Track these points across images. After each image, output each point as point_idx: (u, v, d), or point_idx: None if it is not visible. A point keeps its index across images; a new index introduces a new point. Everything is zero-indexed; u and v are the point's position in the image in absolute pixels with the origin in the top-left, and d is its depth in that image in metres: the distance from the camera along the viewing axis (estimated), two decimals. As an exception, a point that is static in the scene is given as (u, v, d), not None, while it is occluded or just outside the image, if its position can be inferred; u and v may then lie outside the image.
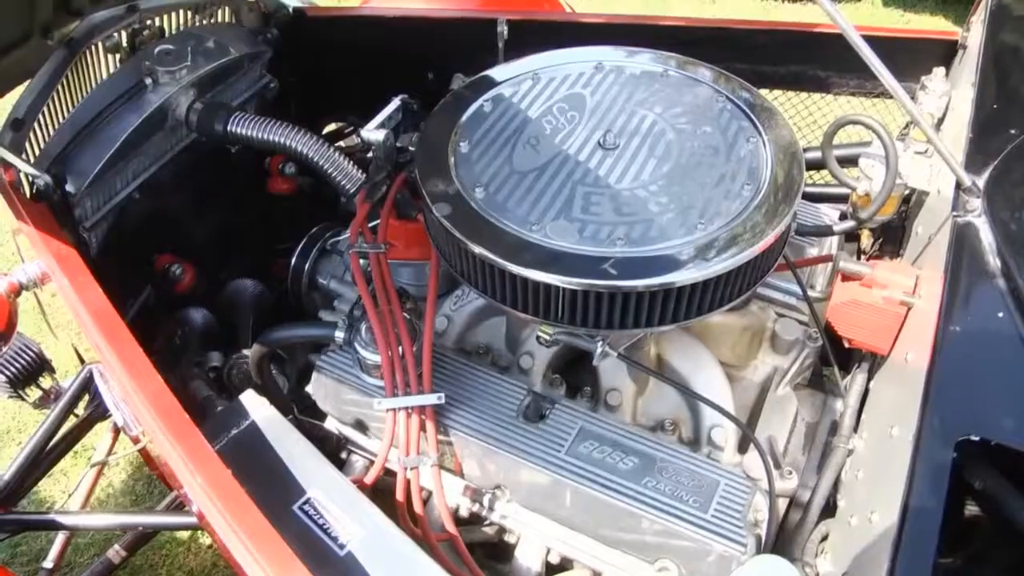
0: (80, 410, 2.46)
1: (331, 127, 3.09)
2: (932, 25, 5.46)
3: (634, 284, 1.52)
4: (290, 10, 2.65)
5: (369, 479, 1.78)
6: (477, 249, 1.57)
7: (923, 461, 1.29)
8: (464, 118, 1.84)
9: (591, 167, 1.72)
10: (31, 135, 2.16)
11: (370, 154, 2.70)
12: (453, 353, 1.95)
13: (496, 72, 1.99)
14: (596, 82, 1.94)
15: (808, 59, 2.54)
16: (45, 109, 2.19)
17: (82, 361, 2.52)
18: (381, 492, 1.85)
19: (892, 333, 1.80)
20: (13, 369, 2.35)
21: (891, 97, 2.53)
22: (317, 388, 1.97)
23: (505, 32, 2.35)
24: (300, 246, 2.39)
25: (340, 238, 2.30)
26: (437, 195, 1.66)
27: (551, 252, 1.55)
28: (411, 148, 2.24)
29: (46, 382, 2.44)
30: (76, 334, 3.24)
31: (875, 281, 1.80)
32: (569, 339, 1.78)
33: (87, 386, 2.40)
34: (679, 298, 1.57)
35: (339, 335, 1.86)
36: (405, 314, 1.81)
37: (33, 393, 2.44)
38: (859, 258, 2.37)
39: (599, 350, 1.72)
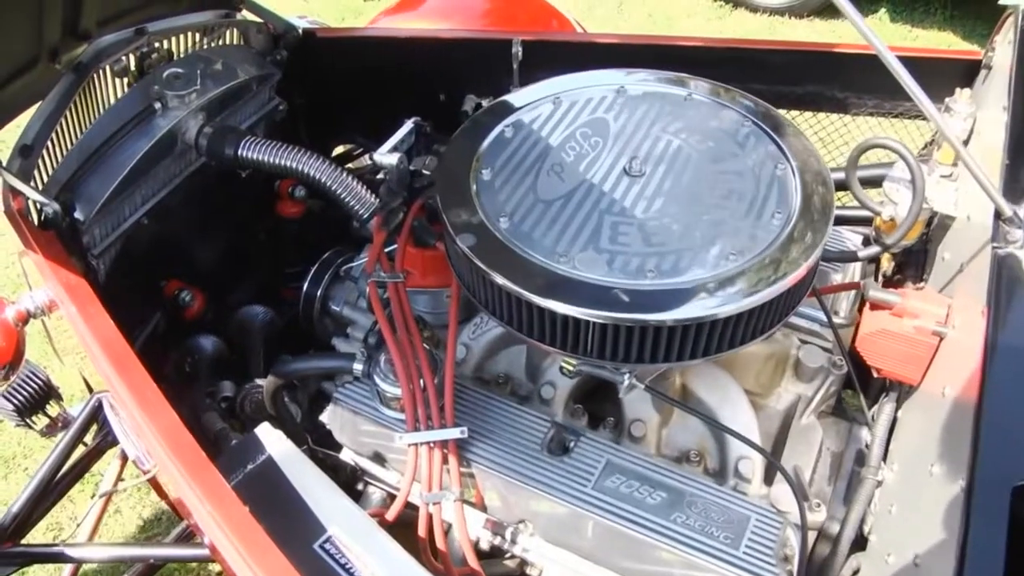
0: (87, 438, 2.41)
1: (339, 149, 3.04)
2: (940, 40, 5.46)
3: (666, 318, 1.48)
4: (300, 31, 2.61)
5: (391, 515, 1.74)
6: (503, 282, 1.53)
7: (979, 510, 1.24)
8: (485, 144, 1.80)
9: (617, 195, 1.68)
10: (39, 161, 2.12)
11: (380, 175, 2.68)
12: (473, 383, 1.91)
13: (515, 96, 1.95)
14: (619, 106, 1.90)
15: (827, 79, 2.51)
16: (53, 135, 2.15)
17: (90, 389, 2.47)
18: (399, 523, 1.80)
19: (924, 363, 1.76)
20: (20, 397, 2.31)
21: (911, 118, 2.54)
22: (333, 420, 1.93)
23: (520, 53, 2.32)
24: (312, 272, 2.35)
25: (354, 264, 2.26)
26: (460, 225, 1.62)
27: (580, 285, 1.51)
28: (425, 172, 2.21)
29: (53, 410, 2.39)
30: (82, 358, 3.19)
31: (906, 310, 1.76)
32: (594, 370, 1.74)
33: (95, 415, 2.35)
34: (711, 332, 1.53)
35: (357, 367, 1.82)
36: (425, 344, 1.77)
37: (40, 421, 2.39)
38: (878, 281, 2.34)
39: (626, 382, 1.68)
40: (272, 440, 1.80)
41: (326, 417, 2.03)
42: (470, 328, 2.04)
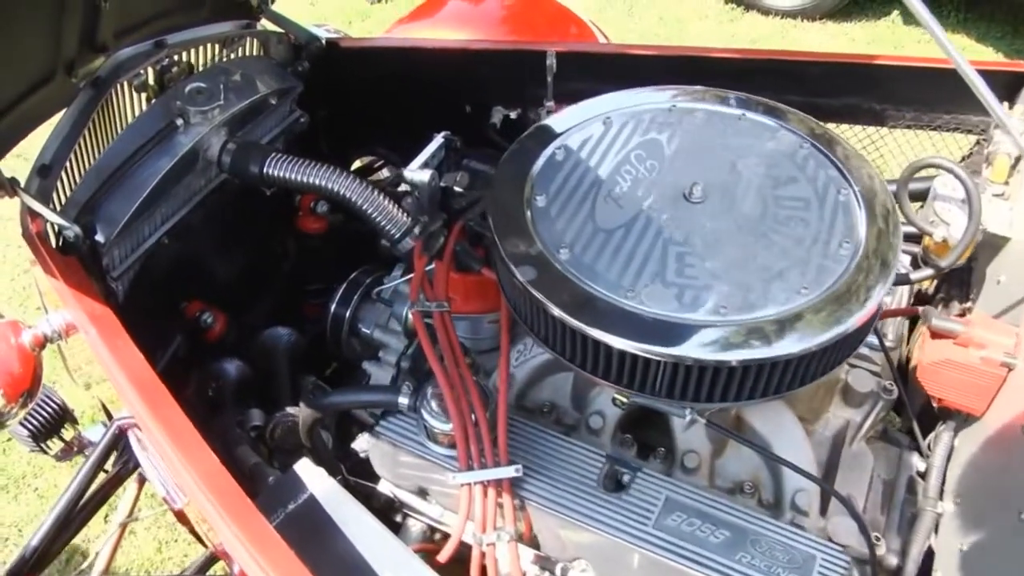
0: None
1: (359, 162, 2.97)
2: (954, 43, 5.37)
3: (740, 359, 1.42)
4: (323, 42, 2.53)
5: (444, 557, 1.67)
6: (568, 319, 1.46)
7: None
8: (536, 168, 1.73)
9: (679, 223, 1.61)
10: (58, 181, 2.04)
11: (401, 187, 2.61)
12: (517, 413, 1.84)
13: (562, 116, 1.88)
14: (671, 127, 1.83)
15: (864, 91, 2.44)
16: (72, 153, 2.06)
17: (109, 416, 2.40)
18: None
19: (990, 394, 1.71)
20: (36, 422, 2.24)
21: (949, 130, 2.49)
22: (374, 453, 1.86)
23: (554, 65, 2.25)
24: (340, 292, 2.27)
25: (385, 286, 2.18)
26: (518, 256, 1.55)
27: (651, 323, 1.45)
28: (457, 188, 2.14)
29: (68, 433, 2.33)
30: (97, 383, 3.10)
31: (971, 340, 1.71)
32: (650, 403, 1.68)
33: (116, 443, 2.27)
34: (784, 371, 1.47)
35: (403, 401, 1.75)
36: (475, 377, 1.70)
37: (55, 445, 2.32)
38: (911, 299, 2.29)
39: (688, 418, 1.62)
40: (313, 478, 1.74)
41: (361, 446, 1.97)
42: (512, 355, 1.97)
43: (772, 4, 5.96)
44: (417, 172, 2.09)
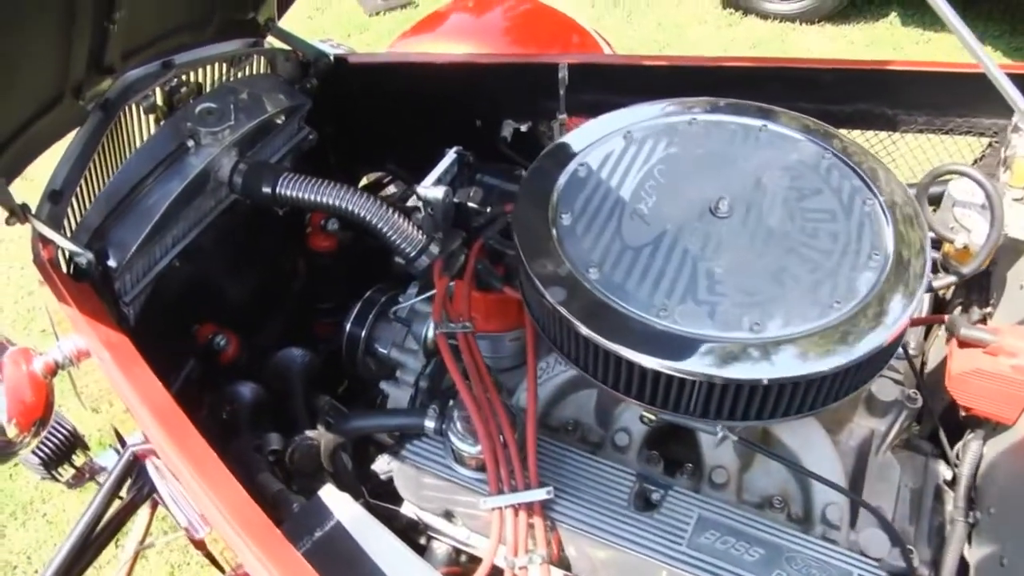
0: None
1: (365, 179, 2.94)
2: (953, 43, 5.37)
3: (779, 376, 1.40)
4: (331, 58, 2.51)
5: (478, 583, 1.65)
6: (601, 340, 1.44)
7: None
8: (559, 185, 1.71)
9: (707, 239, 1.59)
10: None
11: (410, 202, 2.58)
12: (544, 433, 1.82)
13: (582, 132, 1.86)
14: (692, 140, 1.82)
15: (876, 97, 2.43)
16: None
17: (122, 442, 2.36)
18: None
19: (1022, 403, 1.69)
20: (47, 450, 2.21)
21: (961, 134, 2.47)
22: (399, 476, 1.84)
23: (567, 78, 2.23)
24: (355, 311, 2.25)
25: (401, 305, 2.15)
26: (547, 277, 1.52)
27: (685, 342, 1.43)
28: (471, 205, 2.12)
29: (79, 459, 2.30)
30: (108, 406, 3.07)
31: (1002, 349, 1.69)
32: (680, 421, 1.66)
33: (130, 469, 2.24)
34: (819, 387, 1.45)
35: (429, 424, 1.73)
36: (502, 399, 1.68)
37: (66, 472, 2.29)
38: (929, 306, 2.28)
39: (719, 435, 1.60)
40: (338, 504, 1.72)
41: (381, 467, 1.95)
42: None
43: (770, 8, 5.97)
44: (431, 188, 2.08)
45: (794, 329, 1.45)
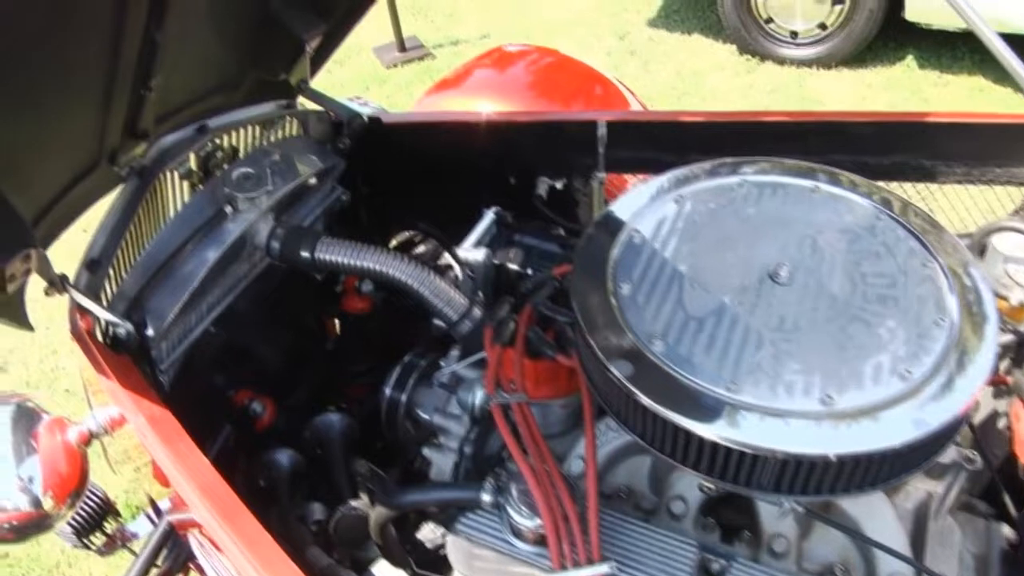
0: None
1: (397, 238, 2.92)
2: (971, 85, 5.43)
3: (851, 452, 1.36)
4: (365, 118, 2.49)
5: (540, 662, 1.60)
6: (672, 416, 1.40)
7: None
8: (615, 254, 1.68)
9: (770, 308, 1.56)
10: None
11: (447, 258, 2.55)
12: (599, 502, 1.78)
13: (632, 198, 1.83)
14: (745, 202, 1.79)
15: (914, 148, 2.42)
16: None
17: (157, 512, 2.32)
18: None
19: (1094, 466, 1.66)
20: (79, 518, 2.18)
21: (1001, 184, 2.46)
22: (452, 549, 1.79)
23: (605, 136, 2.22)
24: (395, 375, 2.21)
25: (445, 370, 2.11)
26: (611, 350, 1.49)
27: (757, 418, 1.39)
28: (511, 266, 2.10)
29: (111, 526, 2.26)
30: (136, 469, 3.03)
31: (1070, 410, 1.66)
32: (744, 492, 1.62)
33: (167, 539, 2.20)
34: (893, 461, 1.42)
35: (486, 498, 1.68)
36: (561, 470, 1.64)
37: (98, 540, 2.25)
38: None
39: (785, 506, 1.56)
40: (392, 581, 1.67)
41: (427, 536, 1.91)
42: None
43: (787, 54, 6.00)
44: (471, 251, 2.06)
45: (866, 401, 1.41)
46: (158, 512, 2.26)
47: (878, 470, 1.42)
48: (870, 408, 1.40)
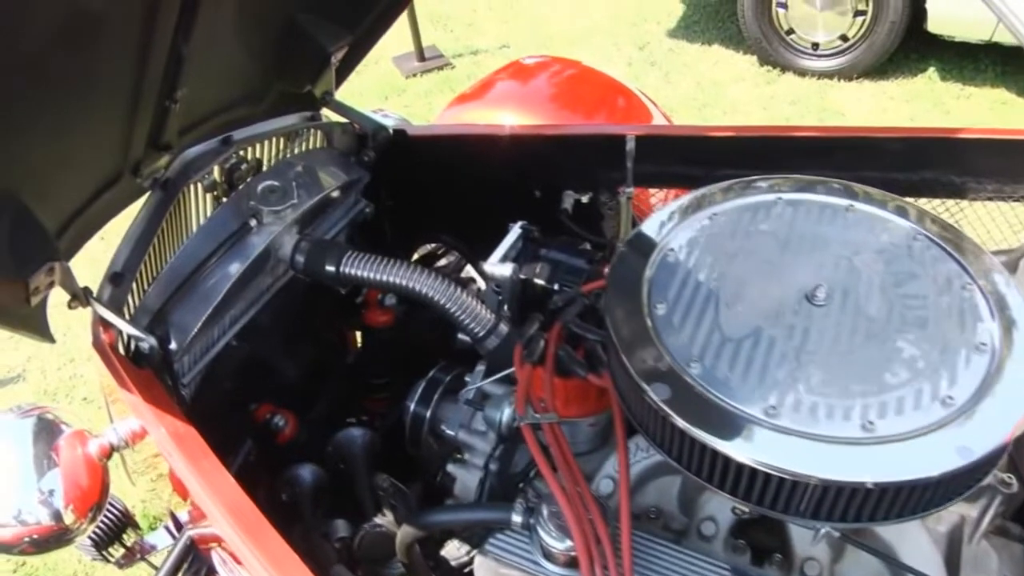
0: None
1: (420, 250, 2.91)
2: (994, 98, 5.38)
3: (894, 480, 1.33)
4: (390, 131, 2.47)
5: None
6: (712, 442, 1.37)
7: None
8: (650, 273, 1.65)
9: (808, 330, 1.53)
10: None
11: (469, 270, 2.51)
12: (635, 527, 1.75)
13: (664, 215, 1.81)
14: (779, 221, 1.76)
15: (944, 165, 2.38)
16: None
17: (178, 526, 2.30)
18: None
19: None
20: (99, 530, 2.15)
21: (1032, 200, 2.42)
22: (480, 569, 1.76)
23: (634, 150, 2.19)
24: (419, 391, 2.19)
25: (471, 387, 2.09)
26: (648, 373, 1.46)
27: (798, 443, 1.36)
28: (537, 281, 2.07)
29: (130, 538, 2.24)
30: (154, 480, 3.01)
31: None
32: (780, 517, 1.59)
33: (187, 554, 2.18)
34: (935, 489, 1.38)
35: (516, 519, 1.66)
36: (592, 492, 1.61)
37: (116, 552, 2.23)
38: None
39: (822, 532, 1.52)
40: (419, 602, 1.65)
41: (451, 554, 1.89)
42: (615, 460, 1.88)
43: (808, 65, 5.97)
44: (498, 266, 2.04)
45: (909, 427, 1.38)
46: (178, 525, 2.24)
47: (920, 498, 1.39)
48: (914, 435, 1.37)
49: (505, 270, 2.04)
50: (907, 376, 1.46)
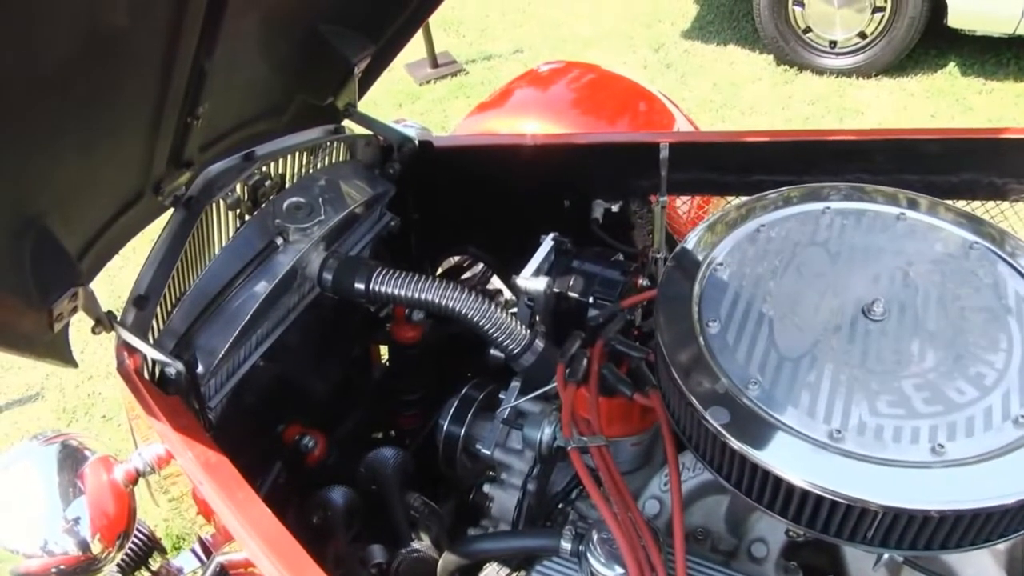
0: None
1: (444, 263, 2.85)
2: (1016, 92, 5.30)
3: (969, 507, 1.26)
4: (416, 143, 2.41)
5: None
6: (775, 468, 1.30)
7: None
8: (699, 290, 1.58)
9: (867, 347, 1.46)
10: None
11: (495, 282, 2.45)
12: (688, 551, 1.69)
13: (708, 229, 1.74)
14: (829, 232, 1.70)
15: (985, 166, 2.31)
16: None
17: (207, 551, 2.25)
18: None
19: None
20: (126, 557, 2.11)
21: (1078, 202, 2.35)
22: (525, 598, 1.71)
23: (667, 158, 2.13)
24: (453, 409, 2.13)
25: (506, 406, 2.02)
26: (705, 396, 1.39)
27: (866, 468, 1.29)
28: (571, 294, 2.02)
29: (155, 562, 2.19)
30: (180, 496, 2.95)
31: None
32: (841, 542, 1.52)
33: (216, 580, 2.13)
34: (1012, 517, 1.31)
35: (565, 545, 1.60)
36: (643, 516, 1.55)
37: (142, 576, 2.19)
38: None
39: (885, 556, 1.46)
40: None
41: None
42: (660, 479, 1.83)
43: (826, 63, 5.89)
44: (531, 280, 1.98)
45: (981, 449, 1.31)
46: (207, 550, 2.19)
47: (995, 525, 1.32)
48: (987, 458, 1.30)
49: (539, 284, 1.98)
50: (976, 394, 1.39)
